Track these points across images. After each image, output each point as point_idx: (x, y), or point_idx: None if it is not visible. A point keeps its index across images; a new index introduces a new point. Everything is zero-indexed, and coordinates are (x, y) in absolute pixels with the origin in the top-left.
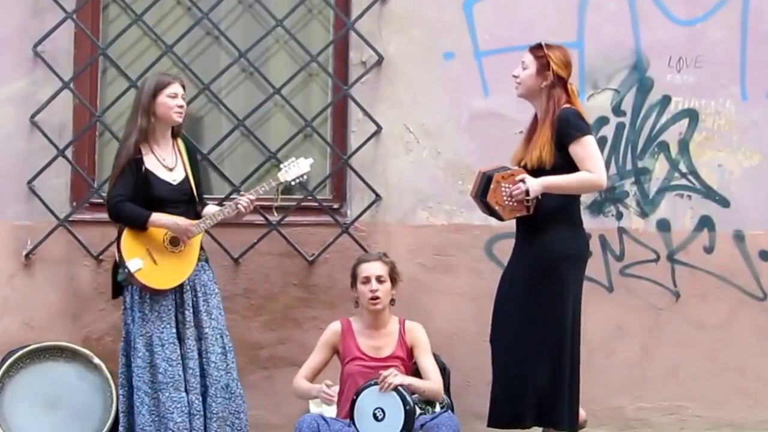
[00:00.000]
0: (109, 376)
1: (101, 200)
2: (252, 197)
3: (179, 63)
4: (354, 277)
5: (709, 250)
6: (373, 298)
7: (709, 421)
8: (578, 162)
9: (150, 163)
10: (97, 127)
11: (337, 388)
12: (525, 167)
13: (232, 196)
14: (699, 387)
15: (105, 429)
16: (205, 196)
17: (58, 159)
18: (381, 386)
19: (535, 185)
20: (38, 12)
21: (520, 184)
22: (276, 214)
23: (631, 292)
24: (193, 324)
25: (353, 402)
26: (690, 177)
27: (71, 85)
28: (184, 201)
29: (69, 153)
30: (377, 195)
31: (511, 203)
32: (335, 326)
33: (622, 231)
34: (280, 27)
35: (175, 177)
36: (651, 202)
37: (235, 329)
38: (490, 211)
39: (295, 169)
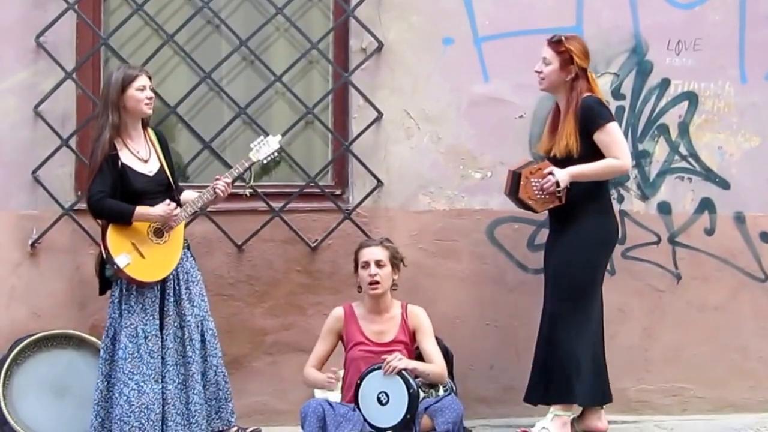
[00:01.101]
0: None
1: None
2: (228, 180)
3: (180, 52)
4: (355, 262)
5: (709, 232)
6: (371, 283)
7: (711, 402)
8: (604, 149)
9: (125, 157)
10: None
11: (341, 373)
12: (554, 158)
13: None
14: (701, 368)
15: None
16: (210, 185)
17: (62, 149)
18: (385, 370)
19: (564, 176)
20: (40, 3)
21: (550, 176)
22: (248, 195)
23: (633, 275)
24: (174, 312)
25: (357, 386)
26: (690, 159)
27: (74, 75)
28: (161, 191)
29: (73, 142)
30: (379, 181)
31: (543, 196)
32: (337, 312)
33: (623, 214)
34: (280, 15)
35: (150, 168)
36: (651, 185)
37: (239, 316)
38: (525, 206)
39: (265, 147)
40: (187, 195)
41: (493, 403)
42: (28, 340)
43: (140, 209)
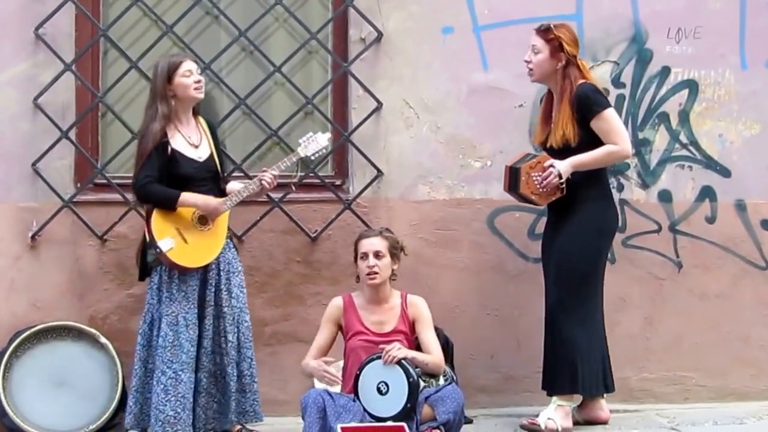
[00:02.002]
0: (115, 354)
1: (105, 181)
2: (275, 173)
3: (179, 43)
4: (355, 252)
5: (710, 220)
6: (369, 274)
7: (713, 390)
8: (602, 136)
9: (176, 142)
10: (100, 108)
11: (340, 364)
12: (551, 148)
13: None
14: (702, 357)
15: (112, 407)
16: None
17: (61, 141)
18: (384, 360)
19: (565, 167)
20: None
21: (551, 169)
22: (294, 189)
23: (634, 264)
24: (213, 302)
25: (357, 376)
26: (691, 147)
27: (73, 67)
28: (210, 178)
29: (72, 134)
30: (379, 171)
31: (545, 189)
32: (337, 301)
33: (623, 202)
34: (279, 5)
35: (200, 154)
36: (652, 173)
37: None
38: (527, 201)
39: (313, 144)
40: (233, 185)
41: (494, 392)
42: (27, 332)
43: (185, 195)
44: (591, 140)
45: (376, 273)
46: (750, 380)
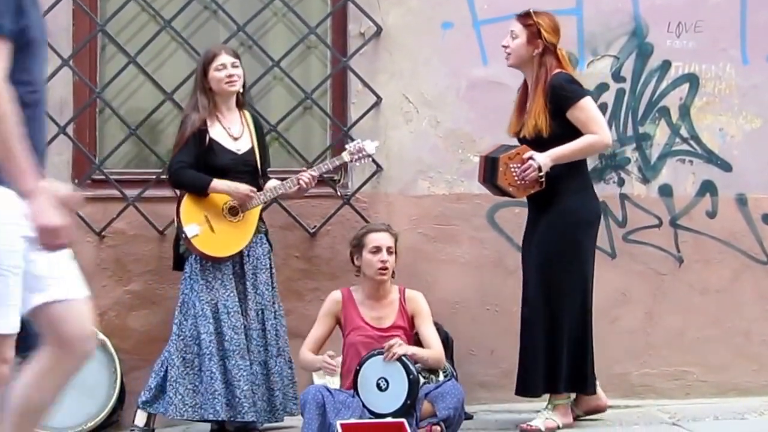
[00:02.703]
0: (113, 351)
1: (103, 177)
2: (315, 173)
3: (178, 38)
4: (360, 246)
5: (711, 214)
6: (382, 268)
7: (714, 385)
8: (580, 126)
9: (215, 132)
10: (98, 103)
11: (340, 359)
12: (524, 139)
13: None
14: (703, 352)
15: (110, 404)
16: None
17: (59, 136)
18: (385, 356)
19: (545, 160)
20: None
21: (530, 161)
22: (339, 193)
23: (634, 258)
24: (252, 294)
25: (357, 372)
26: (691, 142)
27: (71, 62)
28: (247, 172)
29: (70, 130)
30: (378, 166)
31: (523, 182)
32: (336, 295)
33: (624, 197)
34: (278, 0)
35: (239, 147)
36: (652, 167)
37: None
38: (503, 193)
39: (360, 151)
40: (271, 183)
41: (494, 388)
42: None
43: (216, 181)
44: (564, 132)
45: (387, 268)
46: (751, 375)
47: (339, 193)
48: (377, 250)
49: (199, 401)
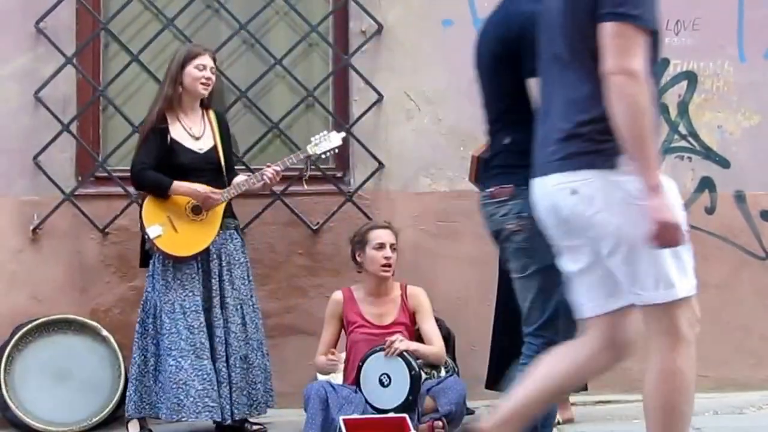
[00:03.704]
0: (117, 347)
1: (106, 174)
2: (278, 168)
3: (180, 36)
4: (363, 243)
5: (710, 211)
6: (386, 264)
7: (713, 380)
8: None
9: (175, 132)
10: (101, 101)
11: (343, 356)
12: None
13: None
14: (702, 347)
15: (114, 400)
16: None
17: (62, 134)
18: (386, 352)
19: None
20: None
21: None
22: (306, 186)
23: None
24: (219, 293)
25: (359, 368)
26: (690, 139)
27: (74, 60)
28: (210, 170)
29: (73, 128)
30: (380, 163)
31: None
32: (337, 296)
33: None
34: None
35: (201, 146)
36: None
37: None
38: None
39: (325, 143)
40: (237, 179)
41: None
42: (29, 326)
43: (177, 184)
44: None
45: (391, 265)
46: (750, 370)
47: (341, 190)
48: (381, 246)
49: (154, 400)
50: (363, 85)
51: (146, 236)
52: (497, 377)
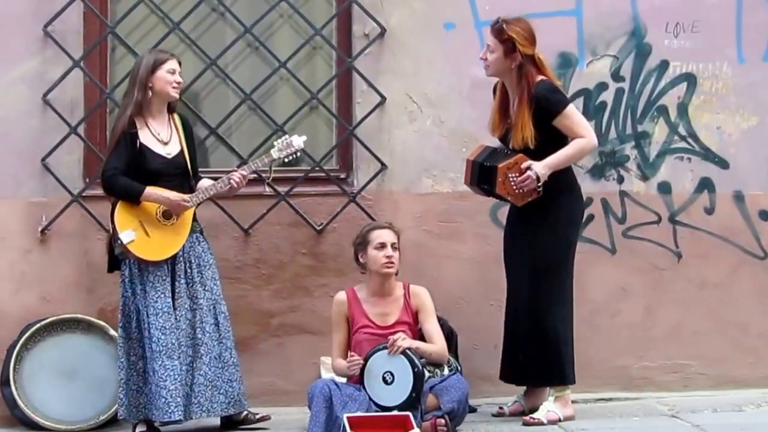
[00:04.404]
0: None
1: None
2: (245, 173)
3: (186, 39)
4: (364, 243)
5: (709, 211)
6: (388, 263)
7: (713, 378)
8: (567, 132)
9: (144, 137)
10: (108, 104)
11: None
12: (513, 149)
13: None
14: (702, 345)
15: None
16: (214, 169)
17: (70, 136)
18: (390, 350)
19: (542, 169)
20: None
21: (528, 172)
22: (268, 189)
23: (634, 254)
24: (187, 295)
25: (363, 366)
26: (689, 140)
27: (81, 63)
28: (178, 174)
29: (81, 130)
30: (383, 164)
31: (521, 190)
32: (341, 297)
33: (623, 194)
34: (284, 2)
35: (169, 151)
36: (651, 165)
37: (246, 298)
38: (494, 197)
39: (288, 148)
40: (203, 183)
41: (497, 382)
42: (38, 325)
43: (149, 190)
44: (549, 140)
45: (393, 262)
46: (749, 368)
47: (345, 191)
48: (382, 245)
49: (143, 401)
50: (366, 88)
51: (119, 241)
52: (509, 370)
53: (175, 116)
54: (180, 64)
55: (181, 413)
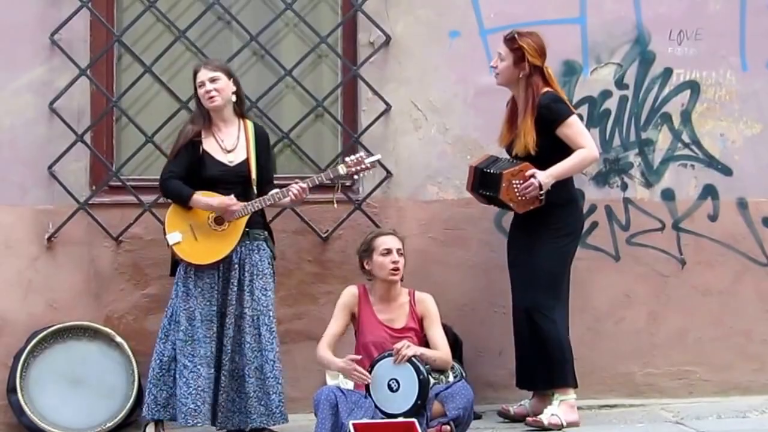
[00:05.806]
0: (130, 353)
1: (120, 183)
2: (304, 185)
3: (192, 48)
4: (369, 251)
5: (713, 218)
6: (394, 269)
7: (716, 385)
8: (569, 142)
9: (208, 144)
10: (114, 112)
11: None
12: (516, 156)
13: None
14: (706, 352)
15: (128, 405)
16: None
17: (77, 144)
18: (395, 358)
19: (545, 178)
20: (54, 1)
21: (532, 180)
22: (336, 206)
23: (638, 261)
24: (235, 302)
25: (369, 374)
26: (693, 147)
27: (88, 71)
28: (239, 183)
29: (87, 138)
30: (388, 172)
31: (524, 198)
32: (352, 289)
33: (627, 201)
34: (290, 10)
35: (232, 159)
36: (655, 172)
37: None
38: (500, 205)
39: (358, 165)
40: (269, 194)
41: (502, 389)
42: (44, 332)
43: (196, 196)
44: (551, 149)
45: (399, 269)
46: (753, 374)
47: (350, 198)
48: (388, 252)
49: (171, 402)
50: (371, 96)
51: (166, 242)
52: (524, 377)
53: (248, 124)
54: (214, 68)
55: (207, 419)
